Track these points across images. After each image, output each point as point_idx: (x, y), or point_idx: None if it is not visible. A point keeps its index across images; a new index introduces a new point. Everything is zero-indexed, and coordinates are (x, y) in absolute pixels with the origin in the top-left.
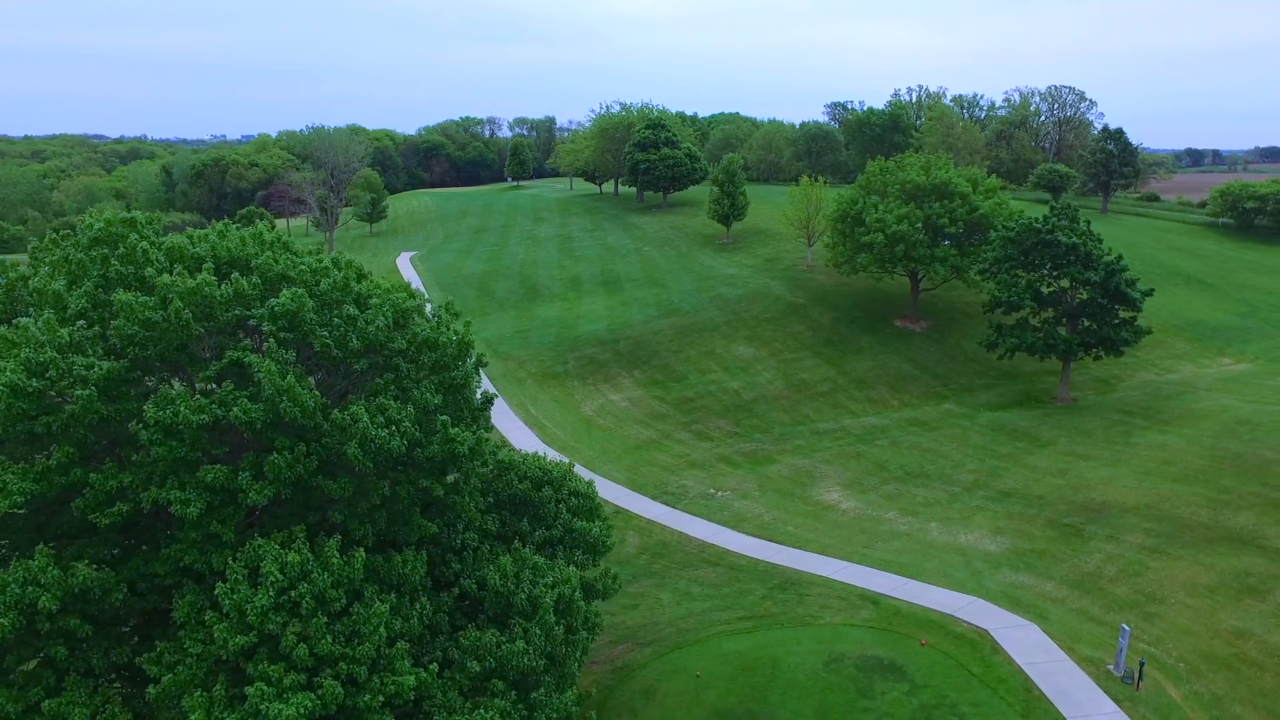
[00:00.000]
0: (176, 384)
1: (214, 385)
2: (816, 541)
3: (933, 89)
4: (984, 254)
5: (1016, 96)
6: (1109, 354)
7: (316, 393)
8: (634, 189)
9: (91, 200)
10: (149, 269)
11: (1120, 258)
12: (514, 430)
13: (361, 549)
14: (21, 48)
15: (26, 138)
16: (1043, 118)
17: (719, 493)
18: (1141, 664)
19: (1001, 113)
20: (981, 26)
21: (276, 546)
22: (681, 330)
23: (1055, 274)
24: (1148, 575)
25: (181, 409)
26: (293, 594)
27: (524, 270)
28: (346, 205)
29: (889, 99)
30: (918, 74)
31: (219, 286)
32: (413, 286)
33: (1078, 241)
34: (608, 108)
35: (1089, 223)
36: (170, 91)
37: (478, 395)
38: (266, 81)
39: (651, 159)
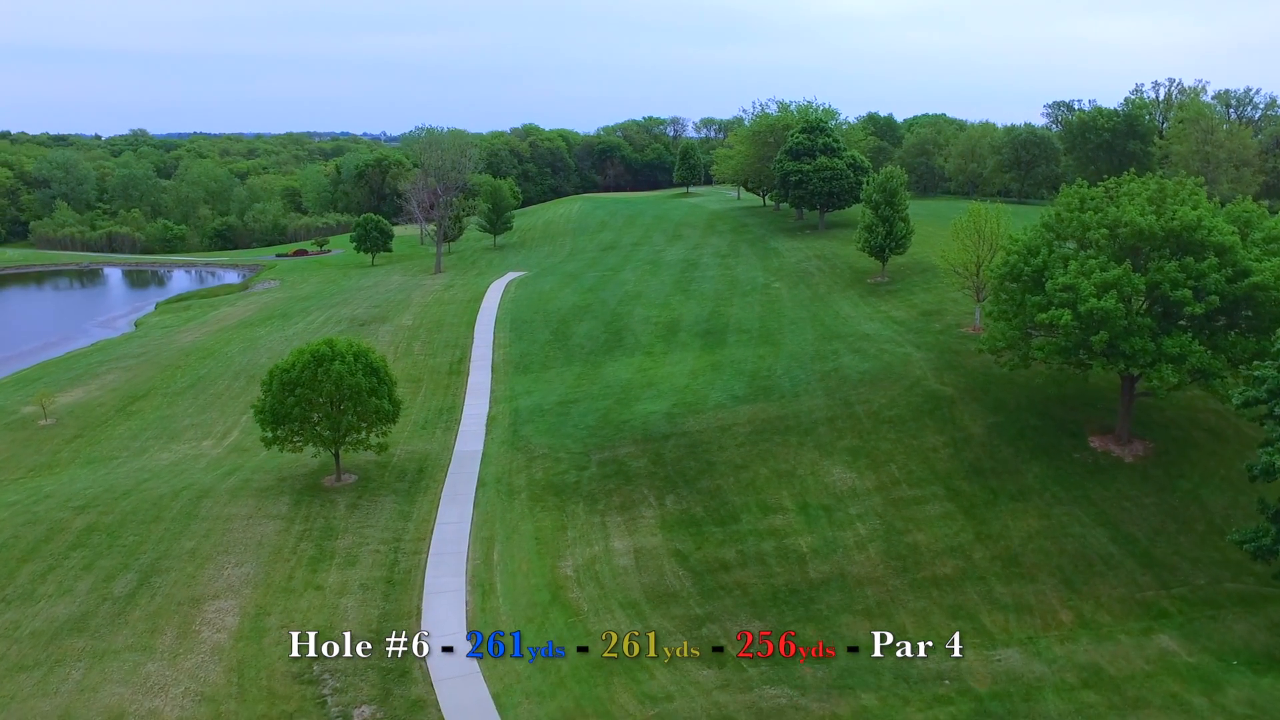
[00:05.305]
0: None
1: None
2: None
3: (1188, 83)
4: (1259, 367)
5: None
6: None
7: None
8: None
9: (256, 199)
10: None
11: None
12: (440, 595)
13: None
14: (281, 56)
15: (258, 136)
16: None
17: None
18: None
19: None
20: (1250, 15)
21: None
22: (762, 427)
23: None
24: None
25: None
26: None
27: (620, 307)
28: (460, 215)
29: (1126, 96)
30: (1168, 71)
31: None
32: None
33: None
34: (763, 106)
35: None
36: (395, 92)
37: None
38: (493, 81)
39: (804, 169)
